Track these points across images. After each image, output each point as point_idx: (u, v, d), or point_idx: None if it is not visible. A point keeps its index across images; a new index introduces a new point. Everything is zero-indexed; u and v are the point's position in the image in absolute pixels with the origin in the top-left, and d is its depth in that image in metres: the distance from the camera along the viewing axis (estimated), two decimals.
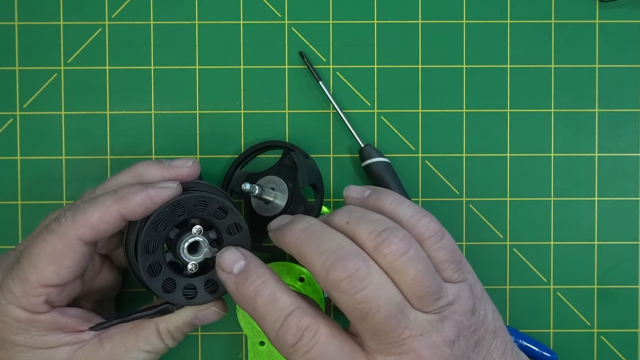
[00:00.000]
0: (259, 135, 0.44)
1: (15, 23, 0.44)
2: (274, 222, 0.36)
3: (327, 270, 0.31)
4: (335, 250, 0.31)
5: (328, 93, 0.44)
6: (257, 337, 0.42)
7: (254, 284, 0.33)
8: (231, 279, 0.33)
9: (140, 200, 0.34)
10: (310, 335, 0.31)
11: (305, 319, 0.31)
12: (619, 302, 0.45)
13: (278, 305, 0.32)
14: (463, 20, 0.45)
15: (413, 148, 0.45)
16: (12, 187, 0.44)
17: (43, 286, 0.34)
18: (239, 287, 0.33)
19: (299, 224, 0.33)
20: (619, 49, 0.45)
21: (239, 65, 0.45)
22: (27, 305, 0.34)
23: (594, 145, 0.45)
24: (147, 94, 0.44)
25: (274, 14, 0.45)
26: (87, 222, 0.34)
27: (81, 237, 0.34)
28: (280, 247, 0.34)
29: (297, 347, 0.31)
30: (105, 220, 0.34)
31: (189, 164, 0.37)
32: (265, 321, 0.32)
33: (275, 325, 0.32)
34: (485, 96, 0.45)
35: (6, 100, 0.44)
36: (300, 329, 0.31)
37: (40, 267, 0.34)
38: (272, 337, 0.32)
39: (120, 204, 0.34)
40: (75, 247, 0.34)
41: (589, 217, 0.45)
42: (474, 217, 0.45)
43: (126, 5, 0.44)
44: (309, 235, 0.32)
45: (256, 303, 0.32)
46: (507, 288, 0.45)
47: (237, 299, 0.33)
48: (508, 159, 0.45)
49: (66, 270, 0.34)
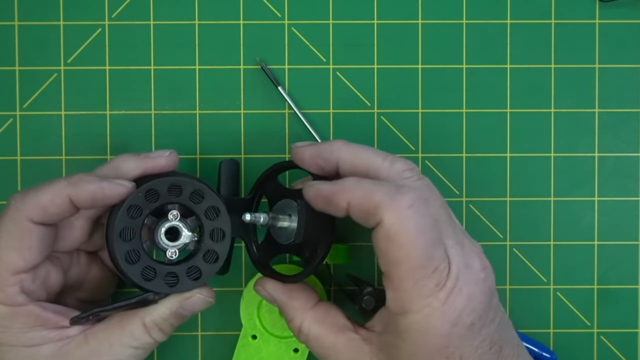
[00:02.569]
0: (259, 135, 0.44)
1: (15, 23, 0.44)
2: (299, 143, 0.37)
3: (391, 162, 0.34)
4: (390, 153, 0.35)
5: (288, 98, 0.44)
6: (252, 330, 0.42)
7: (352, 177, 0.34)
8: (327, 183, 0.34)
9: (91, 189, 0.34)
10: (425, 205, 0.32)
11: (416, 192, 0.33)
12: (619, 302, 0.45)
13: (385, 182, 0.34)
14: (463, 20, 0.45)
15: (413, 148, 0.45)
16: (12, 187, 0.44)
17: (13, 274, 0.34)
18: (337, 184, 0.34)
19: (339, 140, 0.36)
20: (619, 49, 0.45)
21: (239, 65, 0.45)
22: (4, 298, 0.34)
23: (594, 145, 0.45)
24: (147, 94, 0.44)
25: (274, 14, 0.45)
26: (38, 203, 0.34)
27: (31, 217, 0.34)
28: (314, 157, 0.36)
29: (413, 209, 0.31)
30: (56, 203, 0.34)
31: (166, 154, 0.37)
32: (377, 190, 0.32)
33: (391, 189, 0.32)
34: (485, 96, 0.45)
35: (6, 100, 0.44)
36: (415, 196, 0.32)
37: (4, 255, 0.34)
38: (385, 202, 0.31)
39: (71, 189, 0.34)
40: (29, 227, 0.34)
41: (589, 217, 0.45)
42: (474, 217, 0.45)
43: (126, 5, 0.44)
44: (358, 144, 0.35)
45: (362, 181, 0.33)
46: (507, 288, 0.45)
47: (336, 190, 0.33)
48: (508, 159, 0.45)
49: (28, 251, 0.34)
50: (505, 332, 0.34)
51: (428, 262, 0.31)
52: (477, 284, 0.33)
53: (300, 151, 0.36)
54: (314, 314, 0.36)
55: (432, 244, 0.32)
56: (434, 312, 0.31)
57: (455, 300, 0.32)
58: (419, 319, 0.32)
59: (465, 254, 0.33)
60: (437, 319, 0.32)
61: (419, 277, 0.31)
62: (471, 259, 0.33)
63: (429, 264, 0.31)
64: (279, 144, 0.45)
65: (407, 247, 0.31)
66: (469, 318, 0.32)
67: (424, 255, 0.31)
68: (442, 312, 0.31)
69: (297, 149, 0.36)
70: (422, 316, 0.32)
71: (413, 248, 0.31)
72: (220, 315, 0.44)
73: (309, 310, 0.36)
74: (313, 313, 0.36)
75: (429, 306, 0.31)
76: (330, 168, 0.35)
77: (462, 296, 0.32)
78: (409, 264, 0.31)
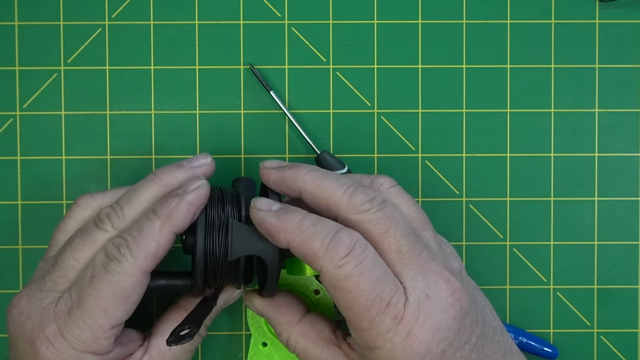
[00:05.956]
0: (259, 135, 0.44)
1: (15, 23, 0.44)
2: (268, 163, 0.36)
3: (350, 195, 0.33)
4: (353, 182, 0.34)
5: (281, 104, 0.44)
6: (262, 338, 0.42)
7: (297, 212, 0.33)
8: (271, 214, 0.34)
9: (185, 211, 0.34)
10: (362, 248, 0.32)
11: (355, 234, 0.32)
12: (619, 302, 0.45)
13: (327, 223, 0.33)
14: (463, 20, 0.45)
15: (413, 148, 0.45)
16: (12, 187, 0.44)
17: (113, 327, 0.34)
18: (281, 217, 0.33)
19: (305, 167, 0.35)
20: (619, 49, 0.45)
21: (239, 65, 0.45)
22: (98, 349, 0.34)
23: (594, 145, 0.45)
24: (147, 94, 0.44)
25: (274, 14, 0.45)
26: (148, 254, 0.33)
27: (146, 269, 0.34)
28: (278, 182, 0.35)
29: (349, 257, 0.31)
30: (162, 246, 0.34)
31: (208, 160, 0.37)
32: (314, 239, 0.32)
33: (327, 239, 0.32)
34: (485, 96, 0.45)
35: (6, 100, 0.44)
36: (352, 240, 0.32)
37: (111, 309, 0.33)
38: (320, 253, 0.32)
39: (169, 224, 0.34)
40: (143, 280, 0.34)
41: (589, 217, 0.45)
42: (474, 217, 0.45)
43: (126, 5, 0.44)
44: (323, 173, 0.35)
45: (303, 224, 0.33)
46: (507, 288, 0.45)
47: (278, 228, 0.33)
48: (508, 159, 0.45)
49: (134, 305, 0.34)
50: (487, 347, 0.34)
51: (377, 299, 0.31)
52: (443, 312, 0.32)
53: (266, 173, 0.36)
54: (300, 328, 0.37)
55: (378, 282, 0.31)
56: (397, 347, 0.31)
57: (420, 334, 0.31)
58: (385, 353, 0.32)
59: (429, 283, 0.33)
60: (403, 353, 0.32)
61: (373, 316, 0.31)
62: (436, 286, 0.33)
63: (379, 301, 0.31)
64: (279, 144, 0.45)
65: (351, 292, 0.31)
66: (439, 347, 0.32)
67: (371, 295, 0.31)
68: (405, 346, 0.31)
69: (264, 170, 0.36)
70: (386, 351, 0.32)
71: (357, 292, 0.31)
72: (220, 315, 0.44)
73: (295, 325, 0.37)
74: (299, 327, 0.37)
75: (390, 341, 0.31)
76: (293, 195, 0.35)
77: (426, 328, 0.32)
78: (358, 307, 0.31)
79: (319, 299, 0.42)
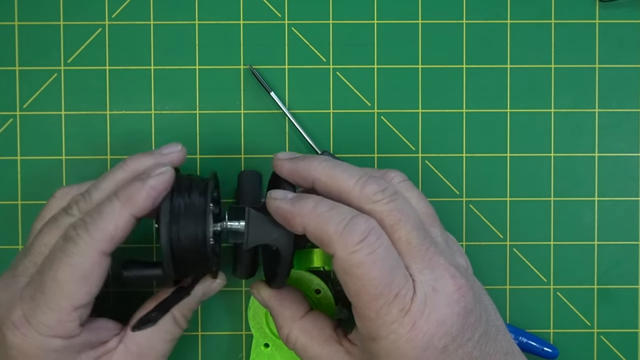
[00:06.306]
0: (259, 135, 0.44)
1: (15, 23, 0.44)
2: (281, 154, 0.37)
3: (362, 185, 0.33)
4: (365, 172, 0.34)
5: (281, 105, 0.44)
6: (263, 339, 0.42)
7: (312, 197, 0.33)
8: (286, 201, 0.34)
9: (145, 194, 0.34)
10: (377, 236, 0.32)
11: (371, 221, 0.32)
12: (619, 302, 0.45)
13: (343, 209, 0.33)
14: (463, 20, 0.45)
15: (413, 148, 0.45)
16: (12, 187, 0.44)
17: (76, 309, 0.34)
18: (296, 204, 0.33)
19: (318, 157, 0.35)
20: (619, 49, 0.45)
21: (239, 65, 0.45)
22: (64, 332, 0.34)
23: (594, 145, 0.45)
24: (147, 94, 0.44)
25: (274, 14, 0.45)
26: (106, 235, 0.33)
27: (104, 250, 0.34)
28: (292, 173, 0.36)
29: (363, 244, 0.31)
30: (120, 228, 0.34)
31: (178, 148, 0.37)
32: (329, 223, 0.32)
33: (341, 224, 0.32)
34: (485, 96, 0.45)
35: (6, 100, 0.44)
36: (368, 227, 0.32)
37: (72, 291, 0.33)
38: (335, 238, 0.32)
39: (129, 206, 0.34)
40: (101, 261, 0.34)
41: (589, 217, 0.45)
42: (474, 217, 0.45)
43: (126, 5, 0.44)
44: (336, 163, 0.35)
45: (318, 210, 0.33)
46: (507, 288, 0.45)
47: (294, 213, 0.33)
48: (508, 159, 0.45)
49: (96, 286, 0.34)
50: (489, 345, 0.34)
51: (386, 290, 0.31)
52: (449, 307, 0.32)
53: (280, 164, 0.36)
54: (302, 324, 0.37)
55: (388, 272, 0.31)
56: (400, 339, 0.31)
57: (424, 327, 0.32)
58: (387, 344, 0.32)
59: (435, 277, 0.33)
60: (406, 345, 0.32)
61: (380, 306, 0.31)
62: (443, 281, 0.33)
63: (388, 292, 0.31)
64: (279, 144, 0.45)
65: (362, 279, 0.31)
66: (441, 342, 0.32)
67: (381, 285, 0.31)
68: (409, 338, 0.31)
69: (277, 162, 0.37)
70: (389, 342, 0.32)
71: (367, 280, 0.31)
72: (220, 315, 0.44)
73: (298, 320, 0.37)
74: (301, 323, 0.37)
75: (394, 333, 0.32)
76: (307, 185, 0.36)
77: (431, 322, 0.32)
78: (366, 295, 0.31)
79: (320, 298, 0.42)
